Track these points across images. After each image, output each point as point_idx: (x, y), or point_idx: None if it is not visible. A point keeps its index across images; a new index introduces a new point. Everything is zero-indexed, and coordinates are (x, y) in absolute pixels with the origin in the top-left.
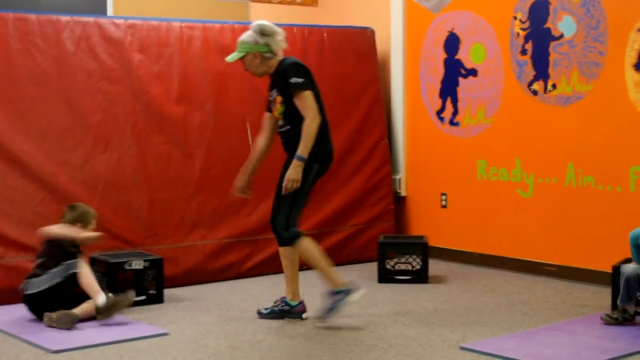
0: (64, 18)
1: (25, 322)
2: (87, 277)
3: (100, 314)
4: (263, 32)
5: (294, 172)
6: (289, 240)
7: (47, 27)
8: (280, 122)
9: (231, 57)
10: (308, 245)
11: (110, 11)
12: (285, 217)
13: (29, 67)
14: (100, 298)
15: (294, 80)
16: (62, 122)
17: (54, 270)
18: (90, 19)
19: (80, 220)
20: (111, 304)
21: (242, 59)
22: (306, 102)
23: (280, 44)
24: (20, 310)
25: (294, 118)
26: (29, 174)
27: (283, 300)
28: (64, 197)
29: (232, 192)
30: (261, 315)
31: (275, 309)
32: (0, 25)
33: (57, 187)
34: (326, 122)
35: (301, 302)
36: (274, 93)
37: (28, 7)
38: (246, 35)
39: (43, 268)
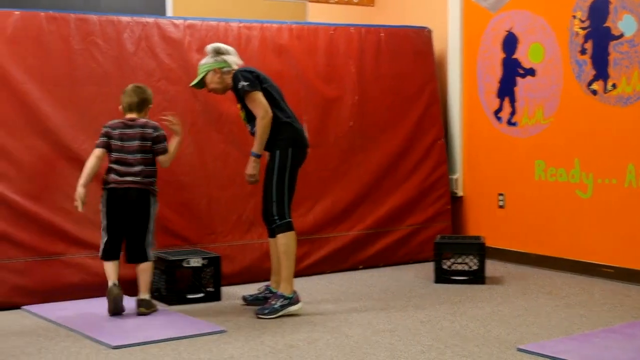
0: (125, 19)
1: (87, 318)
2: (150, 272)
3: (145, 308)
4: (218, 51)
5: (250, 167)
6: (283, 228)
7: (107, 28)
8: (248, 127)
9: (194, 82)
10: (293, 242)
11: (169, 12)
12: (279, 206)
13: (90, 67)
14: (148, 294)
15: (240, 85)
16: None
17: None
18: (150, 20)
19: (151, 99)
20: (151, 304)
21: (204, 79)
22: (254, 103)
23: (236, 61)
24: (80, 306)
25: (255, 119)
26: None
27: (268, 288)
28: None
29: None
30: (246, 301)
31: (260, 296)
32: (62, 25)
33: None
34: (289, 111)
35: (295, 293)
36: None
37: (89, 8)
38: (204, 59)
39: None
